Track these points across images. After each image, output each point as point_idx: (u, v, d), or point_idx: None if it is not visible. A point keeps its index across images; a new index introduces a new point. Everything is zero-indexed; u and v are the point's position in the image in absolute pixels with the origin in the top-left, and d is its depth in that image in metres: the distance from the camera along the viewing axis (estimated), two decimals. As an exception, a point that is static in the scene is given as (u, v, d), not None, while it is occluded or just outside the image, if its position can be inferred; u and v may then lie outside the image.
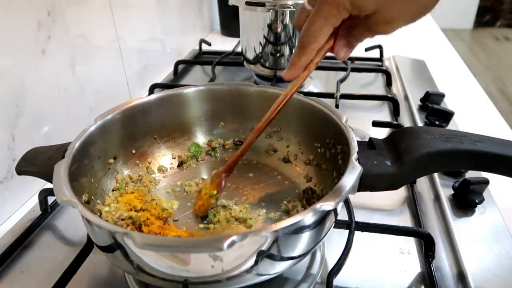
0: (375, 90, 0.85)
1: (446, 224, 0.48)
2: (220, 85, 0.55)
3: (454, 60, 1.03)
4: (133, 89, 0.83)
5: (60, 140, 0.46)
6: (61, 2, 0.60)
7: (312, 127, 0.49)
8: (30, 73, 0.55)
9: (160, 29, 0.94)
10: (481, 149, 0.36)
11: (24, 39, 0.54)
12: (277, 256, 0.32)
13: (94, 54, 0.70)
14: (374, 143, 0.40)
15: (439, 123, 0.67)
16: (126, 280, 0.42)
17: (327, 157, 0.47)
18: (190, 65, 1.00)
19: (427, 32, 1.25)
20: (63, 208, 0.53)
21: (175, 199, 0.48)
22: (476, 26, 4.02)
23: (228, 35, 1.25)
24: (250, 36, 0.81)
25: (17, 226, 0.50)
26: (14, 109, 0.53)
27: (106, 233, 0.32)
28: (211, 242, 0.29)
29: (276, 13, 0.74)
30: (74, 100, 0.65)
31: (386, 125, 0.66)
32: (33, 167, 0.42)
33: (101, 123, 0.45)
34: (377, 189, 0.38)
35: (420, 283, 0.42)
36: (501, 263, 0.43)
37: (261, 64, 0.81)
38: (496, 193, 0.53)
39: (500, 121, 0.74)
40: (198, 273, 0.32)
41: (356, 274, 0.43)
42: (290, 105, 0.51)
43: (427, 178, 0.57)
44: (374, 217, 0.50)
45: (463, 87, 0.88)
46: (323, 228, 0.35)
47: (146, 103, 0.51)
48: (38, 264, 0.45)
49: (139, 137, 0.52)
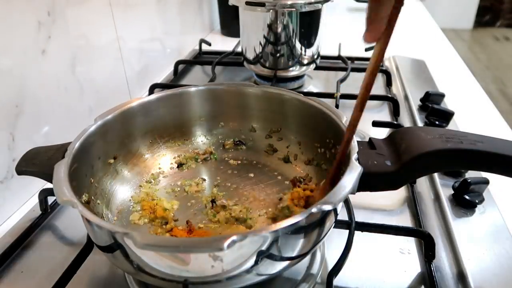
0: (375, 90, 0.85)
1: (446, 224, 0.49)
2: (220, 85, 0.55)
3: (454, 60, 1.03)
4: (133, 89, 0.83)
5: (60, 140, 0.46)
6: (61, 2, 0.60)
7: (312, 127, 0.49)
8: (30, 73, 0.55)
9: (160, 29, 0.94)
10: (481, 149, 0.36)
11: (24, 39, 0.54)
12: (277, 256, 0.32)
13: (94, 54, 0.70)
14: (374, 143, 0.40)
15: (439, 123, 0.67)
16: (126, 280, 0.42)
17: (327, 157, 0.47)
18: (190, 65, 1.00)
19: (427, 32, 1.25)
20: (63, 208, 0.53)
21: (175, 199, 0.49)
22: (476, 26, 4.01)
23: (228, 35, 1.25)
24: (250, 36, 0.81)
25: (17, 226, 0.50)
26: (14, 109, 0.53)
27: (106, 233, 0.32)
28: (211, 242, 0.29)
29: (276, 13, 0.74)
30: (74, 100, 0.65)
31: (386, 125, 0.66)
32: (33, 167, 0.42)
33: (101, 123, 0.45)
34: (377, 189, 0.38)
35: (420, 283, 0.42)
36: (501, 263, 0.43)
37: (261, 64, 0.81)
38: (496, 193, 0.53)
39: (500, 121, 0.74)
40: (198, 273, 0.32)
41: (356, 274, 0.43)
42: (290, 105, 0.52)
43: (427, 178, 0.57)
44: (374, 217, 0.50)
45: (463, 87, 0.88)
46: (323, 228, 0.35)
47: (146, 103, 0.51)
48: (38, 264, 0.45)
49: (139, 137, 0.52)
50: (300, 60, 0.80)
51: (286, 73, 0.81)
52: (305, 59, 0.80)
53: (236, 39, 1.01)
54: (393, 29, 0.32)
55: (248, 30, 0.81)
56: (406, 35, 1.22)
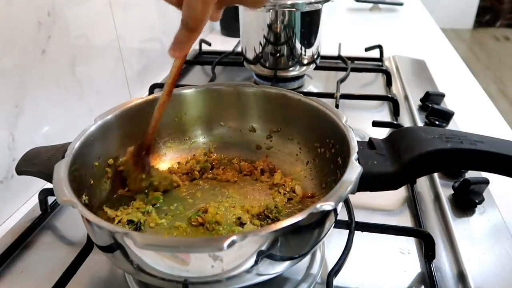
0: (375, 90, 0.85)
1: (446, 224, 0.48)
2: (220, 85, 0.55)
3: (454, 60, 1.03)
4: (133, 89, 0.83)
5: (60, 140, 0.46)
6: (61, 2, 0.60)
7: (312, 127, 0.49)
8: (30, 73, 0.55)
9: (160, 29, 0.94)
10: (481, 149, 0.36)
11: (24, 39, 0.54)
12: (277, 256, 0.32)
13: (94, 54, 0.70)
14: (374, 143, 0.40)
15: (439, 123, 0.67)
16: (126, 280, 0.42)
17: (327, 157, 0.47)
18: (190, 65, 1.00)
19: (427, 32, 1.25)
20: (63, 208, 0.53)
21: (175, 200, 0.49)
22: (476, 26, 4.01)
23: (228, 35, 1.25)
24: (250, 36, 0.80)
25: (17, 226, 0.50)
26: (14, 109, 0.53)
27: (106, 233, 0.32)
28: (211, 242, 0.29)
29: (276, 13, 0.74)
30: (74, 100, 0.65)
31: (386, 125, 0.65)
32: (33, 167, 0.42)
33: (101, 123, 0.45)
34: (377, 189, 0.38)
35: (420, 283, 0.42)
36: (501, 263, 0.43)
37: (261, 64, 0.81)
38: (496, 193, 0.53)
39: (500, 121, 0.74)
40: (198, 273, 0.32)
41: (356, 274, 0.43)
42: (290, 105, 0.51)
43: (427, 178, 0.57)
44: (374, 217, 0.50)
45: (463, 87, 0.88)
46: (323, 228, 0.35)
47: (146, 103, 0.51)
48: (38, 264, 0.45)
49: (139, 137, 0.51)
50: (300, 60, 0.80)
51: (286, 73, 0.81)
52: (305, 59, 0.80)
53: (236, 39, 1.01)
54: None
55: (248, 30, 0.81)
56: (406, 35, 1.22)
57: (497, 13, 4.00)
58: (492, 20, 4.01)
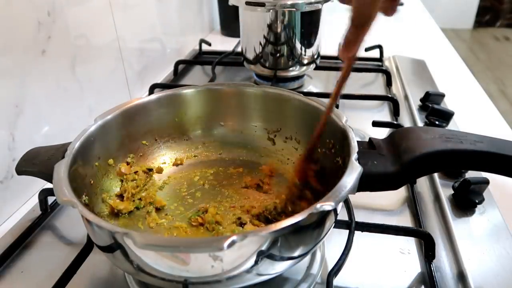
0: (375, 90, 0.85)
1: (446, 224, 0.48)
2: (220, 85, 0.55)
3: (454, 60, 1.03)
4: (133, 89, 0.83)
5: (60, 140, 0.46)
6: (61, 2, 0.60)
7: (312, 127, 0.49)
8: (30, 73, 0.55)
9: (160, 29, 0.94)
10: (481, 149, 0.36)
11: (24, 39, 0.54)
12: (277, 256, 0.32)
13: (94, 54, 0.70)
14: (374, 143, 0.40)
15: (439, 123, 0.67)
16: (126, 280, 0.42)
17: (327, 157, 0.47)
18: (190, 65, 1.00)
19: (427, 32, 1.25)
20: (63, 208, 0.53)
21: (175, 200, 0.49)
22: (476, 26, 4.01)
23: (228, 35, 1.25)
24: (250, 36, 0.80)
25: (17, 226, 0.50)
26: (14, 109, 0.53)
27: (106, 233, 0.32)
28: (211, 242, 0.29)
29: (276, 13, 0.74)
30: (74, 100, 0.65)
31: (386, 125, 0.66)
32: (33, 167, 0.42)
33: (101, 123, 0.45)
34: (377, 189, 0.38)
35: (420, 283, 0.42)
36: (501, 263, 0.43)
37: (261, 64, 0.81)
38: (496, 193, 0.53)
39: (500, 121, 0.74)
40: (198, 273, 0.32)
41: (356, 274, 0.43)
42: (290, 105, 0.52)
43: (427, 178, 0.57)
44: (374, 217, 0.50)
45: (463, 87, 0.88)
46: (323, 228, 0.35)
47: (146, 103, 0.51)
48: (38, 264, 0.45)
49: (139, 137, 0.52)
50: (300, 60, 0.80)
51: (286, 73, 0.81)
52: (305, 59, 0.80)
53: (236, 39, 1.01)
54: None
55: (248, 30, 0.81)
56: (406, 35, 1.22)
57: (497, 13, 3.99)
58: (492, 20, 4.01)
